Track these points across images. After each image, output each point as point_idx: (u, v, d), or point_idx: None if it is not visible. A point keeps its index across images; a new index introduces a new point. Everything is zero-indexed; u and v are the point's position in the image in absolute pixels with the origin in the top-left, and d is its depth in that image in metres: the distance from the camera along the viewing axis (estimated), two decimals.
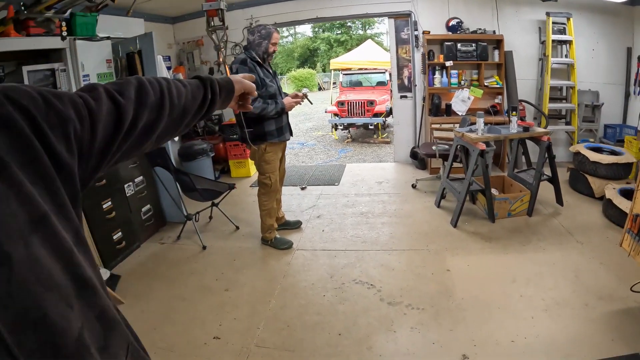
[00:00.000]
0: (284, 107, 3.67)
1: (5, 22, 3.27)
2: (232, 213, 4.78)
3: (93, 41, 4.16)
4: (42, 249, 0.57)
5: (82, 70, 4.10)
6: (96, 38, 4.18)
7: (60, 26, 3.77)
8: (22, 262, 0.54)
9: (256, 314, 3.02)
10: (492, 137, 4.15)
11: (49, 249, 0.58)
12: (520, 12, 5.80)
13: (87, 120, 0.69)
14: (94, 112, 0.71)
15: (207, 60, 6.92)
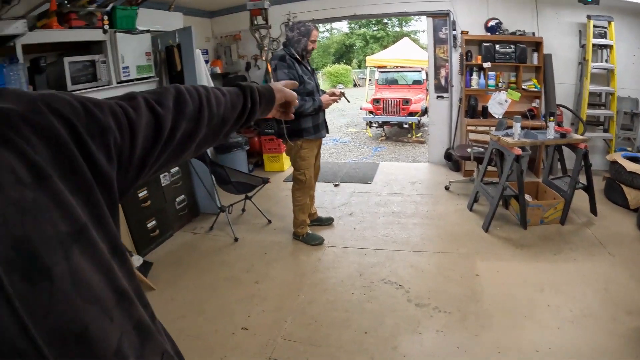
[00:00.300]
0: (321, 105, 3.74)
1: (48, 14, 3.40)
2: (265, 207, 4.90)
3: (133, 34, 4.31)
4: (82, 261, 0.56)
5: (122, 62, 4.25)
6: (136, 31, 4.33)
7: (102, 19, 3.92)
8: (63, 276, 0.52)
9: (284, 308, 3.13)
10: (529, 142, 4.11)
11: (89, 261, 0.57)
12: (560, 14, 5.66)
13: (127, 130, 0.69)
14: (133, 122, 0.71)
15: (244, 55, 7.07)
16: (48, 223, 0.53)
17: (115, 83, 4.23)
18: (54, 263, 0.51)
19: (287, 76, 3.57)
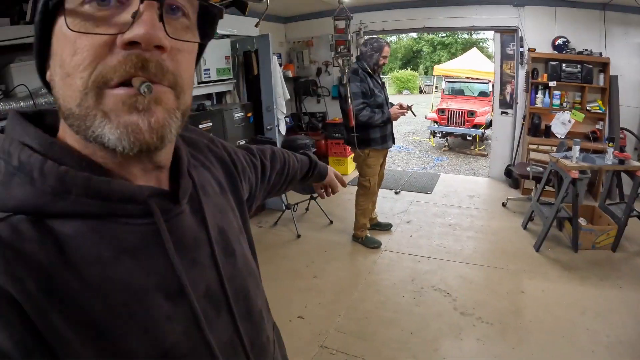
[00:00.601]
0: (389, 117, 4.01)
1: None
2: (328, 208, 5.25)
3: (214, 38, 4.75)
4: (245, 248, 0.78)
5: (203, 64, 4.66)
6: (216, 35, 4.78)
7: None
8: (239, 255, 0.73)
9: (339, 302, 3.49)
10: (586, 166, 4.20)
11: (247, 248, 0.79)
12: (629, 34, 5.55)
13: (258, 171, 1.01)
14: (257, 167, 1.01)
15: (315, 60, 7.44)
16: (231, 220, 0.76)
17: (197, 83, 4.65)
18: (236, 246, 0.73)
19: (359, 89, 3.88)
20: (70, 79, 0.48)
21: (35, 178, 0.49)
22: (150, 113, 0.50)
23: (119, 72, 0.47)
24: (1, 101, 2.55)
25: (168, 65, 0.51)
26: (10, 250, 0.45)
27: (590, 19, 5.70)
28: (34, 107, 2.56)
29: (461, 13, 6.34)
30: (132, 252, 0.53)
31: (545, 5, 5.84)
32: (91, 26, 0.47)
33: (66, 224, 0.50)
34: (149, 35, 0.47)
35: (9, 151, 0.50)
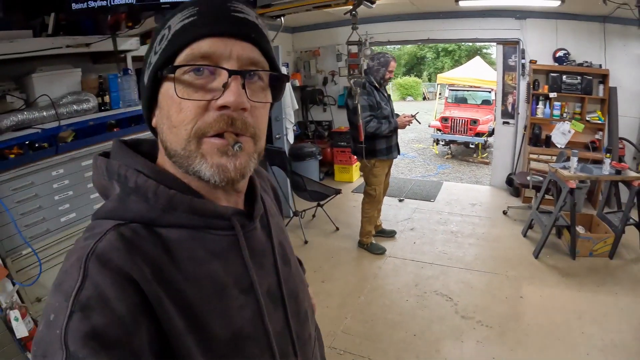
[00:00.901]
0: (397, 126, 4.18)
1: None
2: (334, 215, 5.38)
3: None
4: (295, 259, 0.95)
5: None
6: None
7: None
8: (293, 264, 0.90)
9: (346, 306, 3.63)
10: (584, 176, 4.32)
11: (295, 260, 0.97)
12: (628, 46, 5.67)
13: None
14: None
15: (322, 69, 7.61)
16: (286, 236, 0.94)
17: None
18: (290, 257, 0.90)
19: (366, 102, 4.04)
20: (176, 130, 0.65)
21: (149, 197, 0.66)
22: (236, 158, 0.67)
23: (214, 127, 0.64)
24: (25, 111, 2.67)
25: (249, 120, 0.67)
26: (132, 246, 0.62)
27: (591, 31, 5.84)
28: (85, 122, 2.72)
29: (464, 25, 6.48)
30: (218, 255, 0.70)
31: (547, 18, 5.96)
32: (192, 92, 0.64)
33: (171, 231, 0.67)
34: (236, 102, 0.63)
35: (126, 176, 0.67)
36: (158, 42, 0.68)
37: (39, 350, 0.53)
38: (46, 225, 2.55)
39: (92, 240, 0.61)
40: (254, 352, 0.72)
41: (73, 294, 0.54)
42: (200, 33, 0.64)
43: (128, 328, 0.55)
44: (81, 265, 0.57)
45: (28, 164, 2.42)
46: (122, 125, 3.02)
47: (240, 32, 0.66)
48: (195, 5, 0.67)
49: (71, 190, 2.66)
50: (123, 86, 3.15)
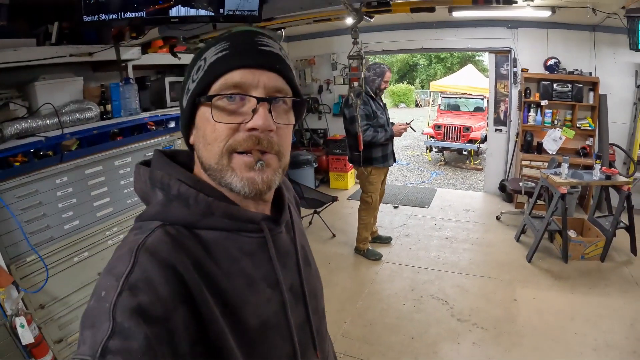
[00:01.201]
0: (392, 134, 4.28)
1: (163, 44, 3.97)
2: (330, 222, 5.45)
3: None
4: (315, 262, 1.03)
5: None
6: None
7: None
8: (313, 266, 1.00)
9: (344, 310, 3.68)
10: (574, 182, 4.43)
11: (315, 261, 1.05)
12: (618, 54, 5.78)
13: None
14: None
15: (317, 78, 7.70)
16: (307, 240, 1.04)
17: None
18: (310, 259, 1.00)
19: (362, 111, 4.11)
20: (210, 147, 0.76)
21: (190, 204, 0.76)
22: (263, 172, 0.77)
23: (244, 146, 0.75)
24: (28, 118, 2.70)
25: (274, 139, 0.77)
26: (176, 242, 0.71)
27: (581, 40, 5.97)
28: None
29: (457, 35, 6.59)
30: (249, 254, 0.80)
31: (538, 27, 6.10)
32: (225, 116, 0.75)
33: (209, 233, 0.77)
34: (264, 125, 0.74)
35: (169, 184, 0.77)
36: (195, 72, 0.79)
37: (88, 321, 0.61)
38: (50, 232, 2.58)
39: (142, 235, 0.70)
40: (277, 342, 0.81)
41: (124, 276, 0.63)
42: (232, 65, 0.75)
43: (168, 309, 0.63)
44: (132, 254, 0.66)
45: (33, 172, 2.46)
46: (124, 134, 3.06)
47: (266, 63, 0.77)
48: (227, 40, 0.78)
49: (75, 198, 2.70)
50: (124, 95, 3.20)
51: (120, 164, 3.01)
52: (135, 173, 0.83)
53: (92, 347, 0.57)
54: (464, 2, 2.58)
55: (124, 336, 0.57)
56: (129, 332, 0.58)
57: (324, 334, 1.00)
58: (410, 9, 2.58)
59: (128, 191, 3.08)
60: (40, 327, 2.45)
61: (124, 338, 0.57)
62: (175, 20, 2.02)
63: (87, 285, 2.78)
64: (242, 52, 0.76)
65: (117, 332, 0.58)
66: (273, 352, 0.80)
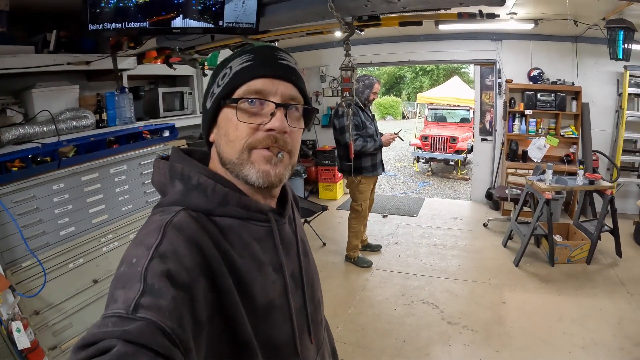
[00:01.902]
0: (381, 144, 4.38)
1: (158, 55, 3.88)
2: (321, 231, 5.51)
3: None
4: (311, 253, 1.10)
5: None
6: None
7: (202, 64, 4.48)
8: (311, 258, 1.07)
9: (337, 316, 3.72)
10: (559, 187, 4.56)
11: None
12: (599, 64, 5.97)
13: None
14: None
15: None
16: (305, 234, 1.10)
17: (199, 112, 4.79)
18: (309, 252, 1.07)
19: (352, 122, 4.19)
20: (232, 144, 0.86)
21: (208, 193, 0.84)
22: (277, 167, 0.87)
23: (263, 143, 0.85)
24: (25, 125, 2.72)
25: (288, 140, 0.88)
26: (198, 223, 0.80)
27: (564, 51, 6.18)
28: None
29: (443, 47, 6.75)
30: (258, 240, 0.88)
31: (522, 39, 6.29)
32: (247, 117, 0.85)
33: (224, 220, 0.85)
34: (281, 127, 0.85)
35: (189, 176, 0.85)
36: (221, 78, 0.90)
37: (119, 283, 0.67)
38: (46, 238, 2.59)
39: (167, 215, 0.79)
40: (279, 322, 0.89)
41: (154, 246, 0.71)
42: (256, 74, 0.86)
43: (192, 277, 0.71)
44: (161, 229, 0.75)
45: (30, 177, 2.47)
46: (120, 142, 3.10)
47: (284, 75, 0.88)
48: (251, 53, 0.89)
49: (71, 204, 2.71)
50: (119, 104, 3.24)
51: (115, 171, 3.03)
52: (155, 166, 0.91)
53: (125, 302, 0.62)
54: (449, 16, 2.66)
55: (154, 295, 0.63)
56: (159, 292, 0.64)
57: (319, 323, 1.06)
58: (399, 23, 2.67)
59: (123, 199, 3.10)
60: (35, 333, 2.45)
61: (155, 297, 0.63)
62: (177, 31, 2.09)
63: (82, 291, 2.77)
64: (265, 64, 0.88)
65: (147, 291, 0.64)
66: (275, 331, 0.88)
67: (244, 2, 2.14)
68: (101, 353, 0.55)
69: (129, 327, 0.58)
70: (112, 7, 1.95)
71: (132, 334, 0.57)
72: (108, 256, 2.96)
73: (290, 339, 0.91)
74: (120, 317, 0.60)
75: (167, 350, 0.59)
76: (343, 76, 3.76)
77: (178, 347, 0.61)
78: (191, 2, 2.05)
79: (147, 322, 0.60)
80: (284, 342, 0.90)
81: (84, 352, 0.56)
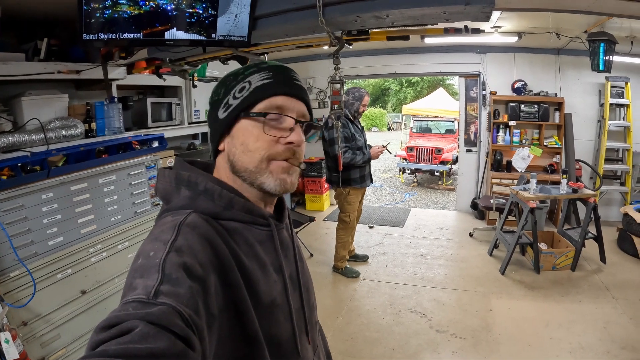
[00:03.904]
0: (370, 157, 4.42)
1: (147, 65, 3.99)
2: (308, 242, 5.54)
3: (204, 82, 4.73)
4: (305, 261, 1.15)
5: (194, 105, 4.92)
6: (205, 79, 4.82)
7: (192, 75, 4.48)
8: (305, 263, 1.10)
9: (325, 326, 3.63)
10: (542, 196, 4.66)
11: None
12: (581, 75, 6.16)
13: None
14: None
15: None
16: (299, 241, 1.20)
17: (187, 123, 4.88)
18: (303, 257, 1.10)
19: (342, 134, 4.26)
20: (251, 154, 0.90)
21: (215, 198, 0.89)
22: (291, 176, 0.94)
23: (282, 156, 0.91)
24: (15, 133, 2.70)
25: (302, 153, 0.96)
26: (209, 225, 0.85)
27: (546, 63, 6.36)
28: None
29: (429, 60, 6.89)
30: (260, 243, 0.93)
31: (505, 52, 6.45)
32: (268, 130, 0.91)
33: (229, 223, 0.90)
34: (299, 141, 0.92)
35: (196, 182, 0.90)
36: (238, 91, 0.94)
37: (137, 274, 0.71)
38: (34, 248, 2.56)
39: (180, 216, 0.83)
40: (281, 320, 0.93)
41: (170, 241, 0.75)
42: (278, 91, 0.92)
43: (205, 271, 0.75)
44: (175, 227, 0.79)
45: (19, 186, 2.45)
46: (110, 152, 3.10)
47: (299, 94, 0.95)
48: (269, 71, 0.95)
49: (60, 214, 2.69)
50: (109, 114, 3.24)
51: (105, 181, 3.02)
52: (160, 175, 0.96)
53: (145, 289, 0.66)
54: (436, 31, 2.73)
55: (172, 284, 0.67)
56: (177, 281, 0.68)
57: (314, 325, 1.10)
58: (386, 37, 2.73)
59: (112, 209, 3.08)
60: (23, 344, 2.42)
61: (173, 285, 0.67)
62: (170, 43, 2.11)
63: (70, 302, 2.75)
64: (285, 83, 0.94)
65: (166, 280, 0.67)
66: (278, 328, 0.92)
67: (237, 16, 2.18)
68: (124, 333, 0.57)
69: (150, 310, 0.61)
70: (106, 17, 1.96)
71: (154, 315, 0.60)
72: (96, 267, 2.94)
73: (291, 338, 0.95)
74: (141, 302, 0.63)
75: (187, 333, 0.61)
76: (332, 89, 3.83)
77: (194, 333, 0.64)
78: (184, 15, 2.08)
79: (168, 306, 0.63)
80: (286, 340, 0.93)
81: (107, 332, 0.58)
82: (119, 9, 1.94)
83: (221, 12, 2.14)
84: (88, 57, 3.03)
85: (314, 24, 2.13)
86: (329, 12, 2.08)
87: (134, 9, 1.95)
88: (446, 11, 1.97)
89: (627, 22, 4.12)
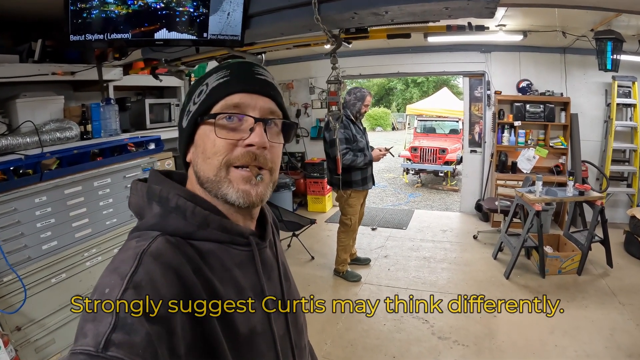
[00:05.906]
0: (371, 159, 4.36)
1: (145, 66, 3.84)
2: (309, 244, 5.46)
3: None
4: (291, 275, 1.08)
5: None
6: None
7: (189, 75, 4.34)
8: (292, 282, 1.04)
9: (325, 332, 3.66)
10: (548, 199, 4.57)
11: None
12: (587, 75, 6.06)
13: None
14: None
15: (295, 102, 7.82)
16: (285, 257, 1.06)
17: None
18: (289, 276, 1.04)
19: (343, 135, 4.19)
20: (209, 160, 0.82)
21: (187, 215, 0.81)
22: (257, 186, 0.83)
23: (241, 160, 0.82)
24: (8, 136, 2.67)
25: (268, 157, 0.84)
26: (178, 249, 0.76)
27: (552, 62, 6.24)
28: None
29: (432, 59, 6.80)
30: (239, 265, 0.85)
31: (510, 51, 6.35)
32: (225, 133, 0.82)
33: (204, 244, 0.82)
34: (260, 142, 0.81)
35: (168, 198, 0.83)
36: (197, 95, 0.87)
37: (89, 316, 0.62)
38: (28, 252, 2.52)
39: (145, 241, 0.75)
40: (263, 350, 0.85)
41: (128, 275, 0.67)
42: (233, 89, 0.84)
43: (169, 308, 0.67)
44: (137, 257, 0.70)
45: (12, 190, 2.41)
46: (105, 154, 3.05)
47: (261, 89, 0.86)
48: (227, 69, 0.87)
49: (53, 218, 2.66)
50: (105, 115, 3.19)
51: (99, 184, 2.98)
52: (132, 188, 0.89)
53: (95, 338, 0.58)
54: (438, 28, 2.66)
55: (126, 330, 0.59)
56: (132, 327, 0.60)
57: (303, 349, 1.03)
58: (387, 35, 2.66)
59: (107, 212, 3.04)
60: (16, 349, 2.38)
61: (127, 332, 0.59)
62: (160, 43, 2.06)
63: (64, 307, 2.71)
64: (242, 79, 0.86)
65: (120, 326, 0.59)
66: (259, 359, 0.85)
67: (229, 14, 2.12)
68: None
69: None
70: (94, 17, 1.92)
71: None
72: (91, 271, 2.90)
73: None
74: (89, 355, 0.57)
75: None
76: (330, 89, 3.78)
77: None
78: (175, 14, 2.03)
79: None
80: None
81: None
82: (106, 8, 1.89)
83: (213, 11, 2.09)
84: (83, 58, 2.98)
85: (309, 21, 2.06)
86: (325, 9, 2.01)
87: (122, 8, 1.90)
88: (448, 7, 1.89)
89: (634, 20, 4.02)
